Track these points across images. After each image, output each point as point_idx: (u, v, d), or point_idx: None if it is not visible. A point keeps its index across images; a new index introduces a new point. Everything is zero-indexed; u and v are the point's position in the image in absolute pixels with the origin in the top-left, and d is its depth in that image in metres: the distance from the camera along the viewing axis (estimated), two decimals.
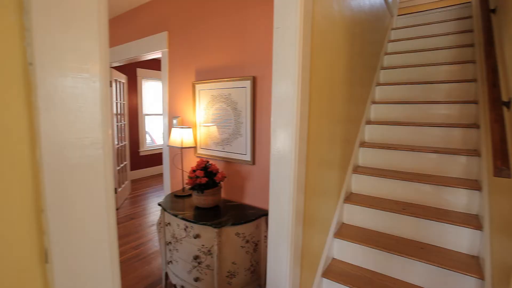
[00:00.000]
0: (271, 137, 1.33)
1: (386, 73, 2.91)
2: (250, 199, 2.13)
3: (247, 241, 1.85)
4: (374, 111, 2.59)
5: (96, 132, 0.57)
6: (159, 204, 2.11)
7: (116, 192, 3.77)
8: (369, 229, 1.95)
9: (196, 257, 1.84)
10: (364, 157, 2.31)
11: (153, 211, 3.80)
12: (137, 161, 5.51)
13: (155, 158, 5.85)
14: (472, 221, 1.67)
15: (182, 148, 2.27)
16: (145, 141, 5.68)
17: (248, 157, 2.08)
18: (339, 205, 1.95)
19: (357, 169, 2.18)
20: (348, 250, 1.86)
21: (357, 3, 2.07)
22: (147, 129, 5.82)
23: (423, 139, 2.24)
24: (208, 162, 2.08)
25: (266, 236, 1.90)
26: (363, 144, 2.31)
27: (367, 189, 2.13)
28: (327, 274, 1.74)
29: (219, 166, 2.27)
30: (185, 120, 2.57)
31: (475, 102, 2.20)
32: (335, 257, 1.92)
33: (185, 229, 1.89)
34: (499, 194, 1.38)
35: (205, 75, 2.36)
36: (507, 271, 1.11)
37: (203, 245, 1.81)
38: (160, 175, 5.61)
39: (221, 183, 2.10)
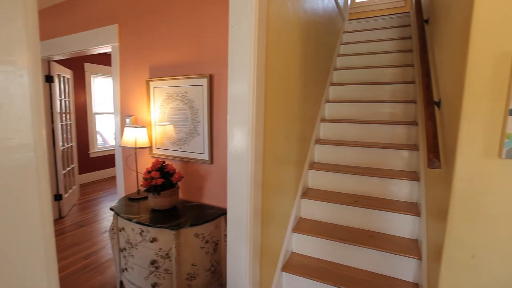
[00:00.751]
0: (227, 136, 1.33)
1: (339, 73, 3.08)
2: (209, 199, 2.10)
3: (207, 241, 1.82)
4: (328, 110, 2.73)
5: (25, 133, 0.51)
6: (111, 209, 1.98)
7: (61, 198, 3.44)
8: (325, 222, 2.05)
9: (153, 262, 1.77)
10: (320, 153, 2.42)
11: (106, 217, 3.54)
12: (87, 163, 5.08)
13: (108, 160, 5.46)
14: (413, 208, 1.86)
15: (136, 148, 2.15)
16: (95, 142, 5.26)
17: (206, 156, 2.04)
18: (296, 201, 2.02)
19: (313, 165, 2.28)
20: (306, 243, 1.94)
21: (311, 6, 2.16)
22: (98, 129, 5.40)
23: (372, 135, 2.42)
24: (164, 162, 2.01)
25: (226, 235, 1.89)
26: (318, 141, 2.42)
27: (322, 184, 2.24)
28: (286, 268, 1.80)
29: (176, 166, 2.20)
30: (139, 119, 2.44)
31: (414, 102, 2.44)
32: (294, 251, 1.99)
33: (140, 234, 1.80)
34: (433, 183, 1.55)
35: (160, 72, 2.26)
36: (438, 250, 1.26)
37: (160, 249, 1.74)
38: (113, 178, 5.25)
39: (179, 183, 2.03)
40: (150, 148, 2.35)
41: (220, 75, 1.97)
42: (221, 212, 1.92)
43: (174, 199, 1.97)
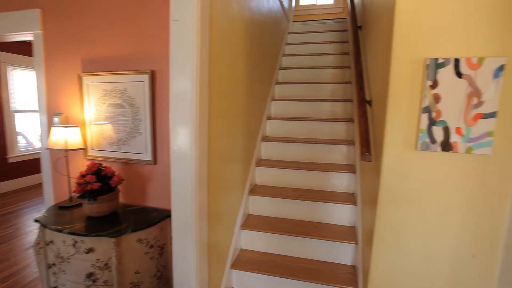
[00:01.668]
0: (170, 135, 1.27)
1: (284, 73, 3.19)
2: (153, 201, 1.99)
3: (151, 246, 1.72)
4: (274, 108, 2.81)
5: None
6: (36, 220, 1.74)
7: None
8: (272, 217, 2.11)
9: (90, 275, 1.60)
10: (266, 150, 2.48)
11: (31, 230, 3.10)
12: (5, 170, 4.37)
13: (32, 165, 4.77)
14: (351, 198, 2.03)
15: (66, 150, 1.92)
16: (15, 145, 4.55)
17: (149, 157, 1.93)
18: (244, 198, 2.04)
19: (260, 162, 2.33)
20: (254, 239, 1.97)
21: (256, 5, 2.19)
22: (19, 129, 4.68)
23: (315, 132, 2.57)
24: (101, 165, 1.83)
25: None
26: (265, 139, 2.48)
27: (269, 180, 2.30)
28: (236, 265, 1.80)
29: (116, 168, 2.03)
30: (71, 118, 2.19)
31: (351, 100, 2.66)
32: (243, 248, 2.00)
33: (73, 245, 1.61)
34: (366, 174, 1.72)
35: (94, 67, 2.06)
36: (370, 235, 1.40)
37: (98, 260, 1.59)
38: (39, 185, 4.62)
39: (119, 187, 1.88)
40: (84, 149, 2.12)
41: (163, 72, 1.87)
42: (166, 214, 1.83)
43: (114, 204, 1.82)
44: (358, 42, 2.24)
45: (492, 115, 1.15)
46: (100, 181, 1.74)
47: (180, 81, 1.24)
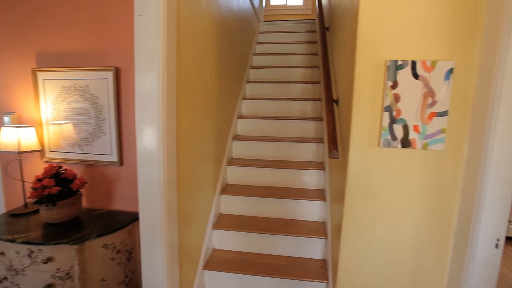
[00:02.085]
0: (136, 134, 1.22)
1: (255, 71, 3.21)
2: (120, 204, 1.90)
3: (119, 251, 1.65)
4: (245, 107, 2.82)
5: None
6: None
7: None
8: (244, 216, 2.12)
9: (49, 286, 1.49)
10: (238, 149, 2.48)
11: None
12: None
13: None
14: (320, 195, 2.10)
15: (20, 152, 1.77)
16: None
17: (114, 158, 1.84)
18: (216, 197, 2.03)
19: (232, 161, 2.32)
20: (227, 239, 1.96)
21: (226, 3, 2.17)
22: None
23: (286, 130, 2.61)
24: (61, 167, 1.71)
25: None
26: (236, 137, 2.47)
27: (241, 179, 2.30)
28: (208, 265, 1.78)
29: (78, 170, 1.91)
30: (24, 117, 2.01)
31: (320, 99, 2.74)
32: (215, 247, 1.99)
33: (29, 255, 1.49)
34: (334, 171, 1.78)
35: (51, 61, 1.91)
36: (338, 229, 1.46)
37: (58, 269, 1.49)
38: None
39: (81, 190, 1.77)
40: (41, 151, 1.97)
41: (129, 69, 1.79)
42: (134, 217, 1.76)
43: (76, 208, 1.71)
44: (326, 43, 2.31)
45: (444, 113, 1.24)
46: (59, 184, 1.63)
47: (146, 79, 1.19)
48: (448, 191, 1.29)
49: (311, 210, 2.07)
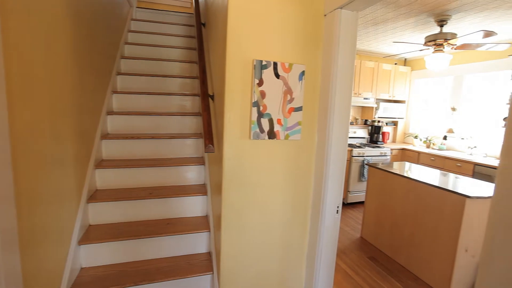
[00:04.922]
0: None
1: (128, 62, 2.88)
2: None
3: None
4: (116, 101, 2.49)
5: None
6: None
7: None
8: (119, 223, 1.89)
9: None
10: (109, 149, 2.17)
11: None
12: None
13: None
14: (202, 189, 2.11)
15: None
16: None
17: None
18: (81, 207, 1.71)
19: (101, 164, 2.02)
20: (98, 253, 1.70)
21: None
22: None
23: (164, 127, 2.47)
24: None
25: None
26: (105, 136, 2.16)
27: (114, 182, 2.04)
28: None
29: None
30: None
31: (198, 95, 2.74)
32: (84, 266, 1.69)
33: None
34: (212, 165, 1.83)
35: None
36: (219, 220, 1.51)
37: None
38: None
39: None
40: None
41: None
42: None
43: None
44: (202, 38, 2.32)
45: (300, 108, 1.48)
46: None
47: None
48: (305, 174, 1.55)
49: (193, 206, 2.06)
